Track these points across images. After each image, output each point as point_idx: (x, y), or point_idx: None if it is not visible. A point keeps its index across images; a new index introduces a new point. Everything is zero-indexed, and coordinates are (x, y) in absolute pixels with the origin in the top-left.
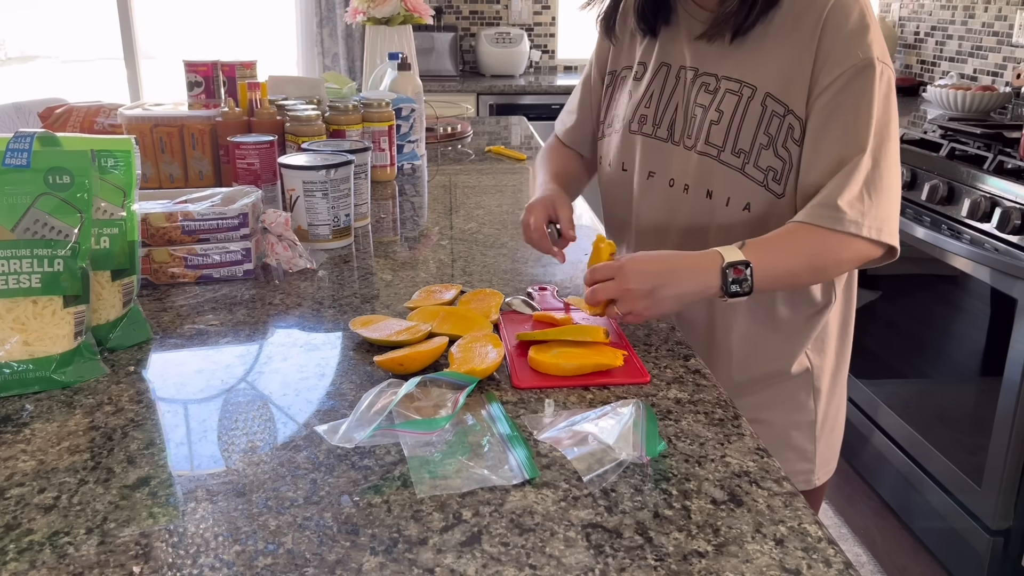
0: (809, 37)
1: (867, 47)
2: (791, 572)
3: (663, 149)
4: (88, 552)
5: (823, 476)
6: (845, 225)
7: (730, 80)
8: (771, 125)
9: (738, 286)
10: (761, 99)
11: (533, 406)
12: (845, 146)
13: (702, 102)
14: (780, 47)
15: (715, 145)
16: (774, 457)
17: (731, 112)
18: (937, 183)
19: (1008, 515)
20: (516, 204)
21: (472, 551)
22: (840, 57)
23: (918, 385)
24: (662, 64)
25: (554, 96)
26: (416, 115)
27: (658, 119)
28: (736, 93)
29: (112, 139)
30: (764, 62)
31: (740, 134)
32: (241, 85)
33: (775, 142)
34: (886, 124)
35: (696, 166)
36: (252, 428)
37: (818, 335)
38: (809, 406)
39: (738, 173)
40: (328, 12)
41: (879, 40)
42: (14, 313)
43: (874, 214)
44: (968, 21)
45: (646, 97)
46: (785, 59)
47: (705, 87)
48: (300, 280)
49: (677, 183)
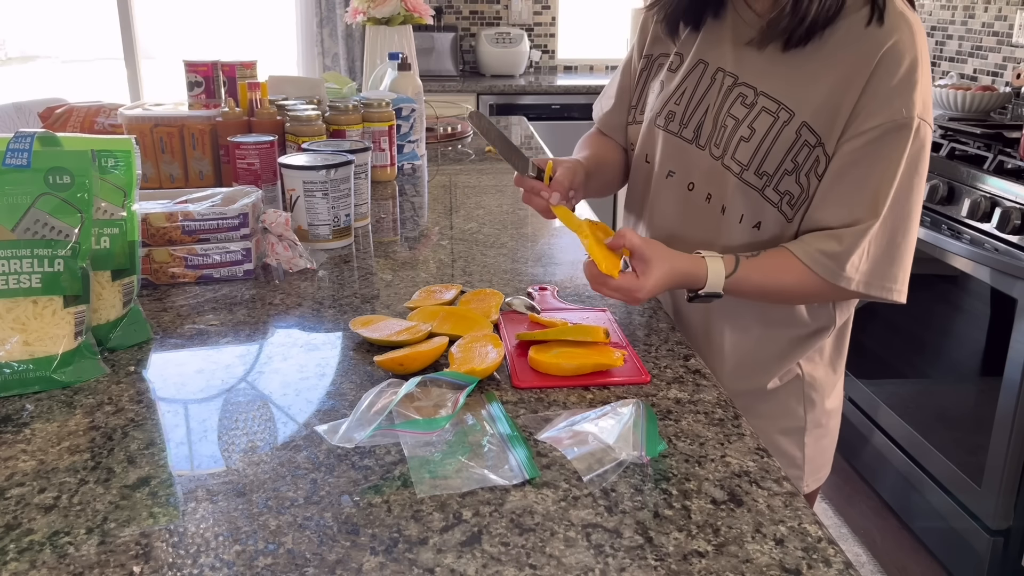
0: (858, 74)
1: (911, 104)
2: (791, 572)
3: (686, 150)
4: (88, 552)
5: (813, 483)
6: (844, 282)
7: (769, 98)
8: (800, 153)
9: (701, 301)
10: (797, 126)
11: (533, 406)
12: (862, 201)
13: (736, 114)
14: (827, 76)
15: (740, 163)
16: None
17: (764, 132)
18: (937, 183)
19: (1008, 515)
20: (516, 204)
21: (472, 551)
22: (882, 107)
23: (918, 385)
24: (699, 61)
25: (554, 96)
26: (416, 115)
27: (686, 118)
28: (773, 114)
29: (112, 139)
30: (808, 87)
31: (768, 157)
32: (241, 85)
33: (799, 170)
34: (909, 186)
35: (717, 176)
36: (252, 428)
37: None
38: (799, 413)
39: (756, 193)
40: (328, 12)
41: (925, 96)
42: (14, 313)
43: (881, 274)
44: (968, 21)
45: (677, 93)
46: (829, 89)
47: (742, 99)
48: (300, 280)
49: (697, 188)
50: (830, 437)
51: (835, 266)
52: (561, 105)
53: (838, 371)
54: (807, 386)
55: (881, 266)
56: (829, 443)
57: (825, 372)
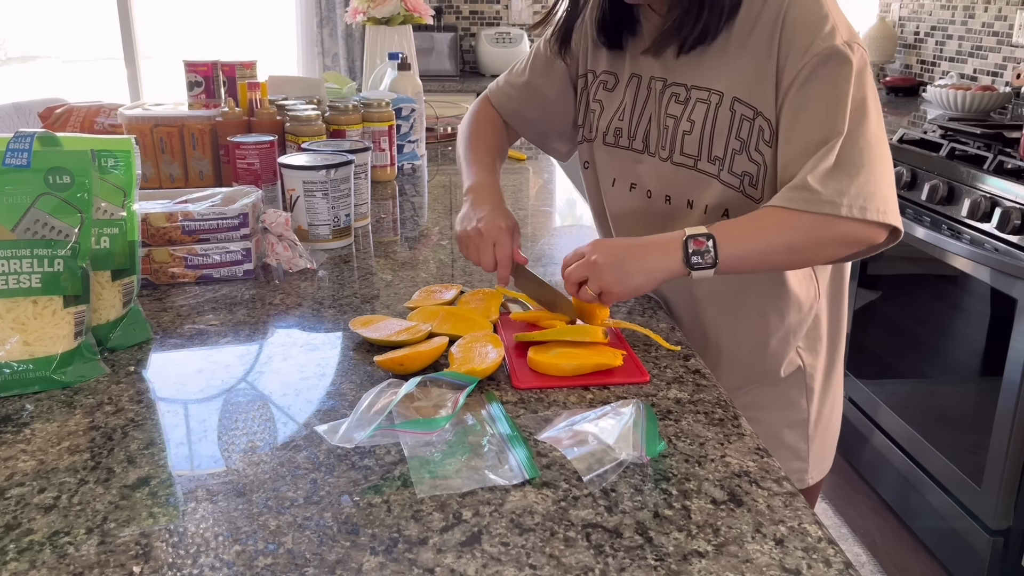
0: (770, 36)
1: (828, 35)
2: (791, 572)
3: (640, 161)
4: (88, 552)
5: (817, 475)
6: (820, 206)
7: (699, 89)
8: (742, 129)
9: (699, 257)
10: (729, 104)
11: (533, 406)
12: (819, 133)
13: (673, 112)
14: (742, 50)
15: (690, 155)
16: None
17: (702, 120)
18: (937, 183)
19: (1008, 515)
20: (516, 204)
21: (472, 551)
22: (801, 50)
23: (918, 385)
24: (633, 75)
25: None
26: (416, 115)
27: (633, 131)
28: (705, 101)
29: (112, 139)
30: (728, 67)
31: (713, 142)
32: (241, 85)
33: (748, 146)
34: (861, 103)
35: (673, 177)
36: (252, 428)
37: (809, 333)
38: (801, 405)
39: (715, 180)
40: (328, 12)
41: (843, 25)
42: (14, 313)
43: (855, 192)
44: (968, 21)
45: (620, 109)
46: (748, 61)
47: (675, 97)
48: (300, 280)
49: (656, 195)
50: (833, 428)
51: (809, 194)
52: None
53: (837, 362)
54: (809, 377)
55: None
56: (832, 434)
57: (825, 362)
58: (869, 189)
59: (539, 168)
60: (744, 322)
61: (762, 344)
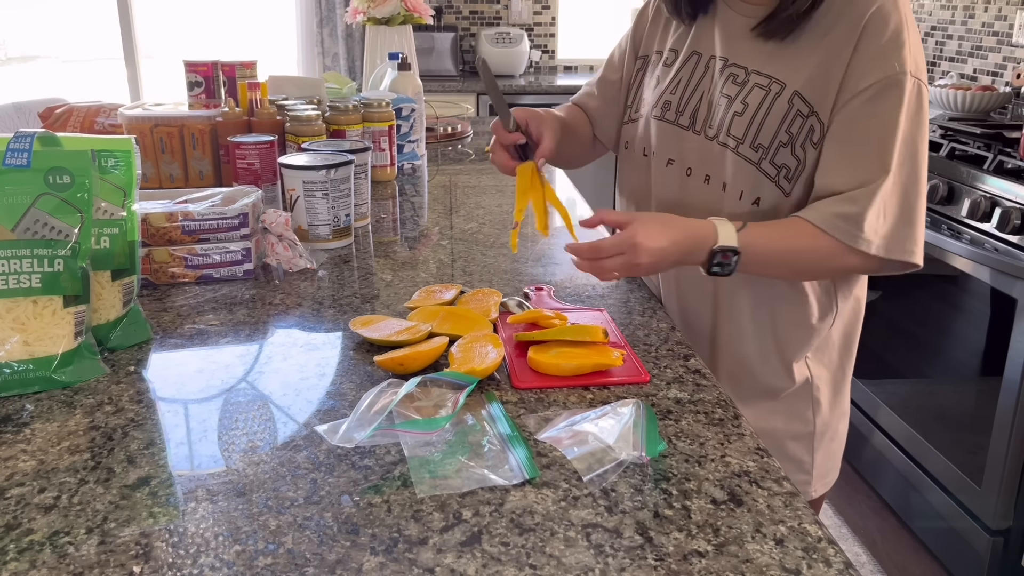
0: (845, 41)
1: (902, 60)
2: (791, 572)
3: (683, 137)
4: (88, 552)
5: (820, 488)
6: (858, 243)
7: (760, 75)
8: (794, 124)
9: (720, 268)
10: (789, 96)
11: (533, 406)
12: (869, 160)
13: (728, 92)
14: (815, 47)
15: (735, 137)
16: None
17: (756, 106)
18: (937, 183)
19: (1008, 515)
20: None
21: (472, 551)
22: (873, 66)
23: (918, 385)
24: (693, 52)
25: (554, 96)
26: (416, 115)
27: (682, 107)
28: (764, 88)
29: (112, 139)
30: (797, 60)
31: (762, 129)
32: (241, 85)
33: (794, 141)
34: (913, 141)
35: (713, 156)
36: (252, 428)
37: (820, 345)
38: (808, 417)
39: (753, 167)
40: (328, 12)
41: (916, 55)
42: (14, 313)
43: (890, 235)
44: (968, 21)
45: (673, 84)
46: (818, 60)
47: (733, 78)
48: (300, 280)
49: (695, 172)
50: (838, 441)
51: (853, 228)
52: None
53: (846, 375)
54: (816, 390)
55: (899, 228)
56: (837, 447)
57: (834, 376)
58: (913, 235)
59: None
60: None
61: (773, 354)
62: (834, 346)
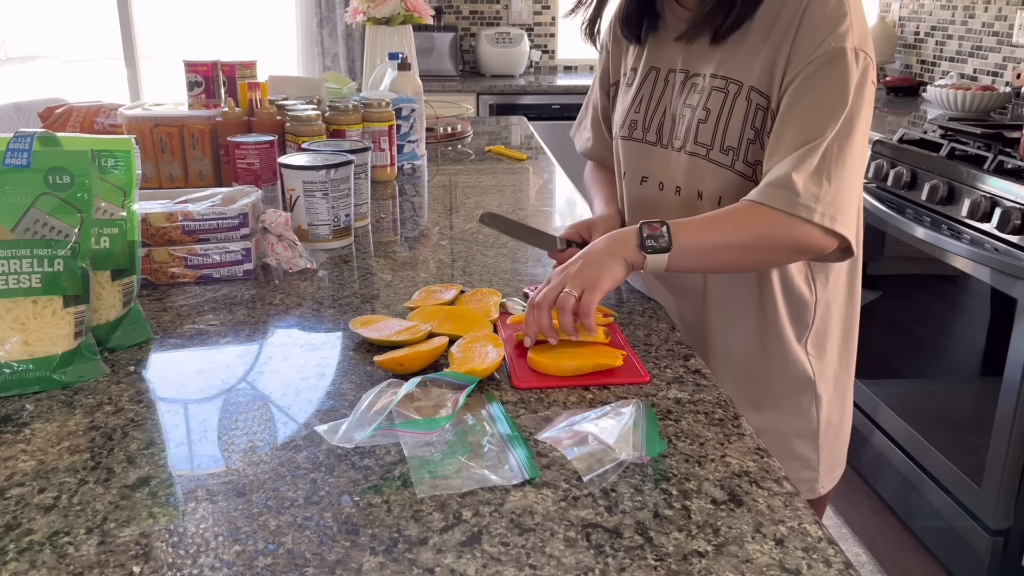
0: (788, 27)
1: (841, 36)
2: (791, 572)
3: (652, 153)
4: (88, 552)
5: (828, 484)
6: (796, 208)
7: (716, 78)
8: (756, 119)
9: (653, 241)
10: (746, 94)
11: (533, 406)
12: (807, 129)
13: (690, 102)
14: (763, 40)
15: (703, 144)
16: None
17: (718, 109)
18: (937, 183)
19: (1008, 515)
20: (516, 204)
21: (472, 551)
22: (812, 45)
23: (918, 385)
24: (651, 68)
25: (554, 96)
26: (416, 115)
27: (647, 123)
28: (723, 90)
29: (112, 139)
30: (748, 57)
31: (728, 131)
32: (241, 85)
33: (761, 135)
34: (855, 113)
35: (685, 167)
36: (252, 428)
37: (818, 341)
38: (812, 414)
39: (727, 171)
40: (328, 12)
41: (859, 29)
42: (14, 313)
43: (829, 200)
44: (968, 21)
45: (635, 102)
46: (767, 51)
47: (694, 87)
48: (300, 280)
49: (667, 186)
50: (843, 436)
51: (787, 193)
52: (561, 105)
53: (849, 369)
54: (818, 386)
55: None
56: (842, 442)
57: (835, 370)
58: (841, 201)
59: (539, 168)
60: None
61: (767, 347)
62: (834, 340)
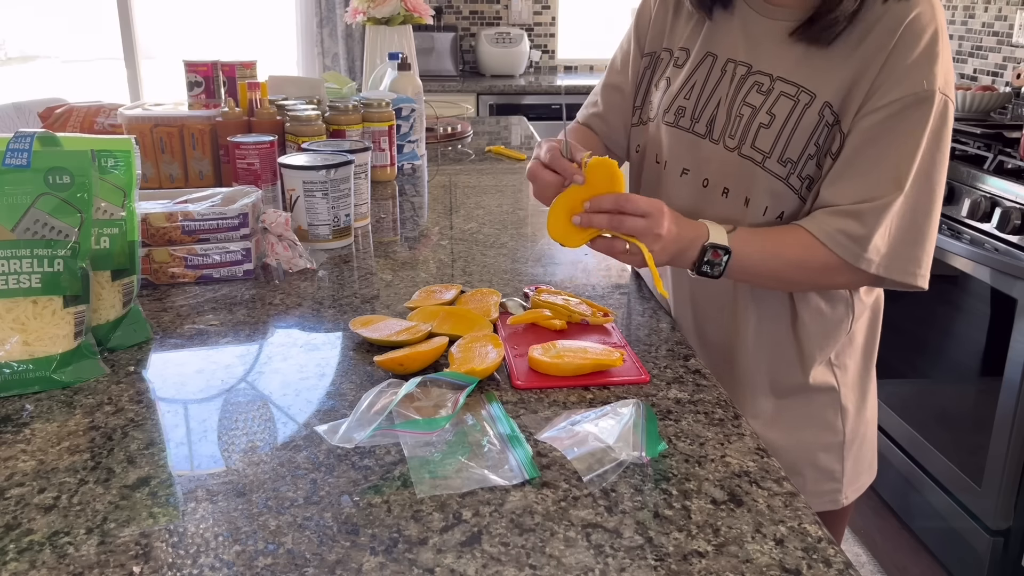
0: (878, 49)
1: (933, 76)
2: (791, 572)
3: (699, 146)
4: (88, 552)
5: (852, 494)
6: (860, 262)
7: (787, 83)
8: (822, 135)
9: (709, 268)
10: (819, 107)
11: (533, 406)
12: (882, 176)
13: (752, 102)
14: (848, 56)
15: (761, 150)
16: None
17: (784, 117)
18: None
19: (1008, 515)
20: (516, 204)
21: (472, 551)
22: (903, 80)
23: (918, 385)
24: (707, 54)
25: (554, 96)
26: (416, 115)
27: (697, 113)
28: (792, 98)
29: (112, 139)
30: (828, 68)
31: (791, 142)
32: (241, 85)
33: (821, 153)
34: (932, 161)
35: (736, 169)
36: (252, 428)
37: (842, 350)
38: (837, 426)
39: (781, 182)
40: (328, 12)
41: (947, 69)
42: (14, 313)
43: (887, 252)
44: (968, 21)
45: (686, 87)
46: (850, 70)
47: (757, 87)
48: (300, 280)
49: (713, 185)
50: (868, 444)
51: (857, 248)
52: (560, 105)
53: (871, 377)
54: (843, 397)
55: (903, 247)
56: (868, 450)
57: (859, 379)
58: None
59: None
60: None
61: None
62: (857, 349)
